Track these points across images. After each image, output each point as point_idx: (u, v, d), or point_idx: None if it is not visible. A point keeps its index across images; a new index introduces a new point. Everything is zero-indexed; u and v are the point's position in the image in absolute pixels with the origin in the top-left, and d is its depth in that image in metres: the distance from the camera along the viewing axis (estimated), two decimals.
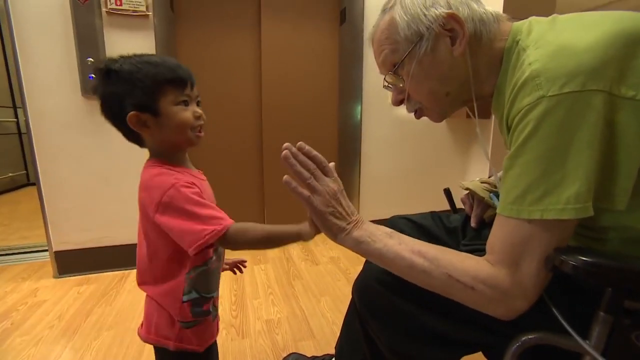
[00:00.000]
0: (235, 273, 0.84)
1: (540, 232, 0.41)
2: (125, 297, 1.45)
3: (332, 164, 0.56)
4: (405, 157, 2.16)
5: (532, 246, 0.42)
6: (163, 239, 0.59)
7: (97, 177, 1.58)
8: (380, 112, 2.05)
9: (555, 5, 1.85)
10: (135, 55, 0.59)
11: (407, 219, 0.77)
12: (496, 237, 0.46)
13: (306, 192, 0.51)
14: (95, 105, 1.53)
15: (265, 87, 2.04)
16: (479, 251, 0.54)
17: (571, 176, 0.39)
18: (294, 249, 1.99)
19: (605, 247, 0.46)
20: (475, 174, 2.24)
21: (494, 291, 0.44)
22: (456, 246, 0.71)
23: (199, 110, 0.61)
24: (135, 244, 0.66)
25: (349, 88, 2.07)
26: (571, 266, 0.35)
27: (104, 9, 1.45)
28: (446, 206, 0.84)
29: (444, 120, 0.66)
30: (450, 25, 0.51)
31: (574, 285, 0.46)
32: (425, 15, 0.51)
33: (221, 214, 0.58)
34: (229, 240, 0.56)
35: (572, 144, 0.39)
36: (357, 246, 0.51)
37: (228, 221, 0.56)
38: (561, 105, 0.38)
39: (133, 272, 1.65)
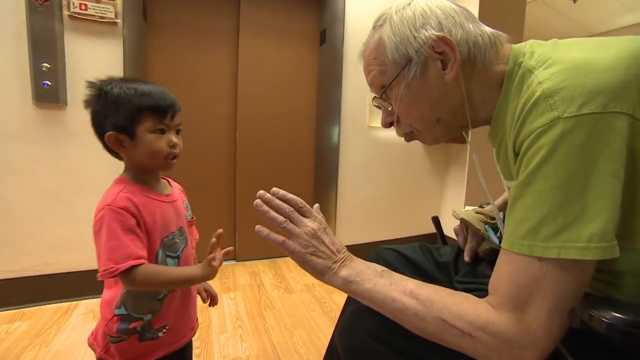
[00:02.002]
0: (204, 302, 0.84)
1: (555, 272, 0.36)
2: (67, 335, 1.25)
3: (316, 205, 0.55)
4: (383, 181, 2.14)
5: (543, 288, 0.37)
6: None
7: (45, 194, 1.40)
8: (359, 135, 2.03)
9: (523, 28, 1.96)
10: (128, 80, 0.65)
11: (394, 250, 0.72)
12: (500, 276, 0.41)
13: (279, 237, 0.50)
14: (48, 114, 1.40)
15: (240, 105, 1.96)
16: (476, 291, 0.48)
17: (593, 209, 0.34)
18: (266, 275, 1.87)
19: (621, 293, 0.42)
20: (453, 198, 2.25)
21: (495, 340, 0.38)
22: (448, 282, 0.66)
23: (173, 140, 0.66)
24: (88, 271, 0.71)
25: (328, 110, 2.04)
26: (605, 325, 0.29)
27: (66, 13, 1.33)
28: (423, 229, 0.79)
29: (422, 144, 0.62)
30: (442, 48, 0.48)
31: (601, 341, 0.40)
32: (414, 37, 0.48)
33: (130, 250, 0.59)
34: (129, 279, 0.58)
35: (594, 172, 0.34)
36: (346, 286, 0.48)
37: (128, 263, 0.57)
38: (580, 127, 0.34)
39: (81, 304, 1.45)
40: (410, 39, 0.48)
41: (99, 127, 0.63)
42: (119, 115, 0.61)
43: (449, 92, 0.50)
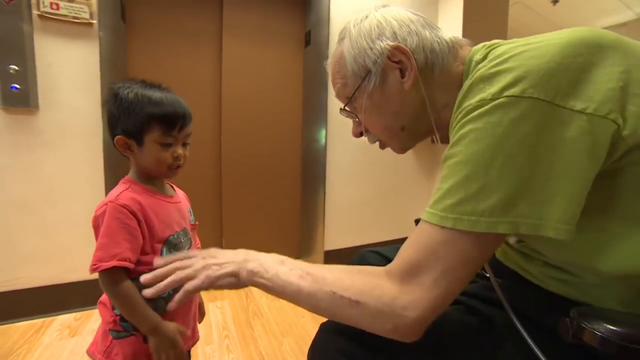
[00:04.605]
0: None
1: (450, 241, 0.37)
2: (40, 354, 1.18)
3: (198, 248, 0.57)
4: (370, 183, 2.13)
5: (436, 256, 0.38)
6: None
7: (13, 204, 1.33)
8: (346, 136, 2.02)
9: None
10: (146, 85, 0.67)
11: (377, 252, 0.71)
12: (406, 242, 0.43)
13: (181, 292, 0.48)
14: (18, 119, 1.33)
15: (225, 109, 1.92)
16: (457, 303, 0.48)
17: (491, 186, 0.35)
18: None
19: (587, 295, 0.42)
20: None
21: (378, 302, 0.38)
22: None
23: (178, 152, 0.68)
24: (64, 284, 0.68)
25: (314, 112, 2.02)
26: (599, 338, 0.27)
27: (35, 12, 1.27)
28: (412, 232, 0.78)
29: None
30: (398, 57, 0.49)
31: (591, 354, 0.39)
32: (371, 48, 0.50)
33: (118, 250, 0.59)
34: (109, 280, 0.59)
35: (498, 152, 0.35)
36: (253, 279, 0.47)
37: (111, 263, 0.58)
38: (497, 109, 0.35)
39: (56, 320, 1.38)
40: (367, 51, 0.50)
41: (112, 128, 0.66)
42: (130, 122, 0.63)
43: (409, 100, 0.51)
